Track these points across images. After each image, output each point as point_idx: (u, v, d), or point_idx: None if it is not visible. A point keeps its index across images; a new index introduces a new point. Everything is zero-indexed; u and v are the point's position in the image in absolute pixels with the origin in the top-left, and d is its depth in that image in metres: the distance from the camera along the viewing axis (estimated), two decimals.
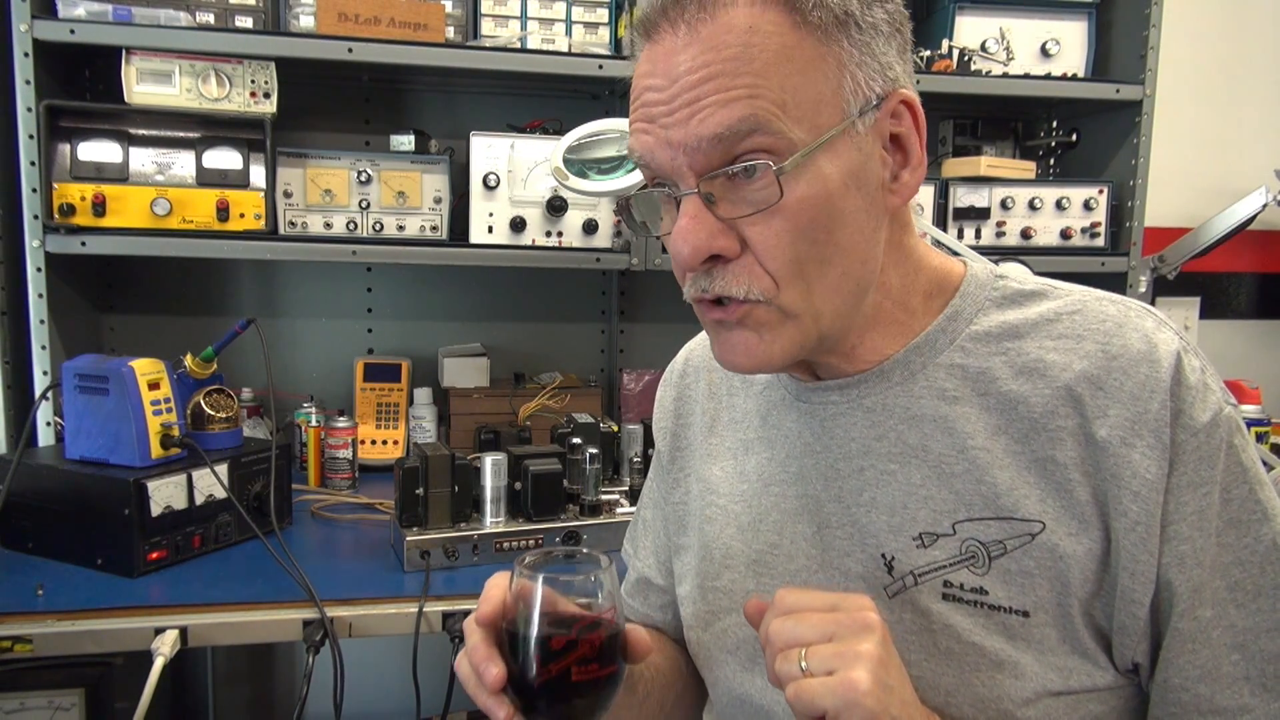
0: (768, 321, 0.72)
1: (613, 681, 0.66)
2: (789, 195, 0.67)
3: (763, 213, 0.68)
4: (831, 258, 0.70)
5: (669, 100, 0.68)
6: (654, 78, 0.70)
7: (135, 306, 2.05)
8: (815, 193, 0.68)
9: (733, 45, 0.66)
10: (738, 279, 0.70)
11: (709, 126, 0.67)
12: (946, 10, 2.05)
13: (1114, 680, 0.71)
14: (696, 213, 0.69)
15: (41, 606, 1.23)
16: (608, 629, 0.65)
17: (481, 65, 1.79)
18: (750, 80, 0.66)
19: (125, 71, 1.66)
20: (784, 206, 0.68)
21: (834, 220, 0.70)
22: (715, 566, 0.87)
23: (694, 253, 0.69)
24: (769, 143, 0.67)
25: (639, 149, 0.72)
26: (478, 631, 0.66)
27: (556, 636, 0.63)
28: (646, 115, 0.70)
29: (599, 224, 1.86)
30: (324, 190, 1.79)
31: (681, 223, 0.70)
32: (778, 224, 0.68)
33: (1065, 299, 0.77)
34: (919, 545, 0.74)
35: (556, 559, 0.68)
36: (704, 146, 0.67)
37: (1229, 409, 0.70)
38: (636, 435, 1.66)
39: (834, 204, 0.69)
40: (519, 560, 0.66)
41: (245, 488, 1.51)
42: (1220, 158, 2.55)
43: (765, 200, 0.68)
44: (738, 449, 0.89)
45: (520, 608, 0.64)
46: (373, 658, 2.11)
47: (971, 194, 2.01)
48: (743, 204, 0.69)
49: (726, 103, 0.66)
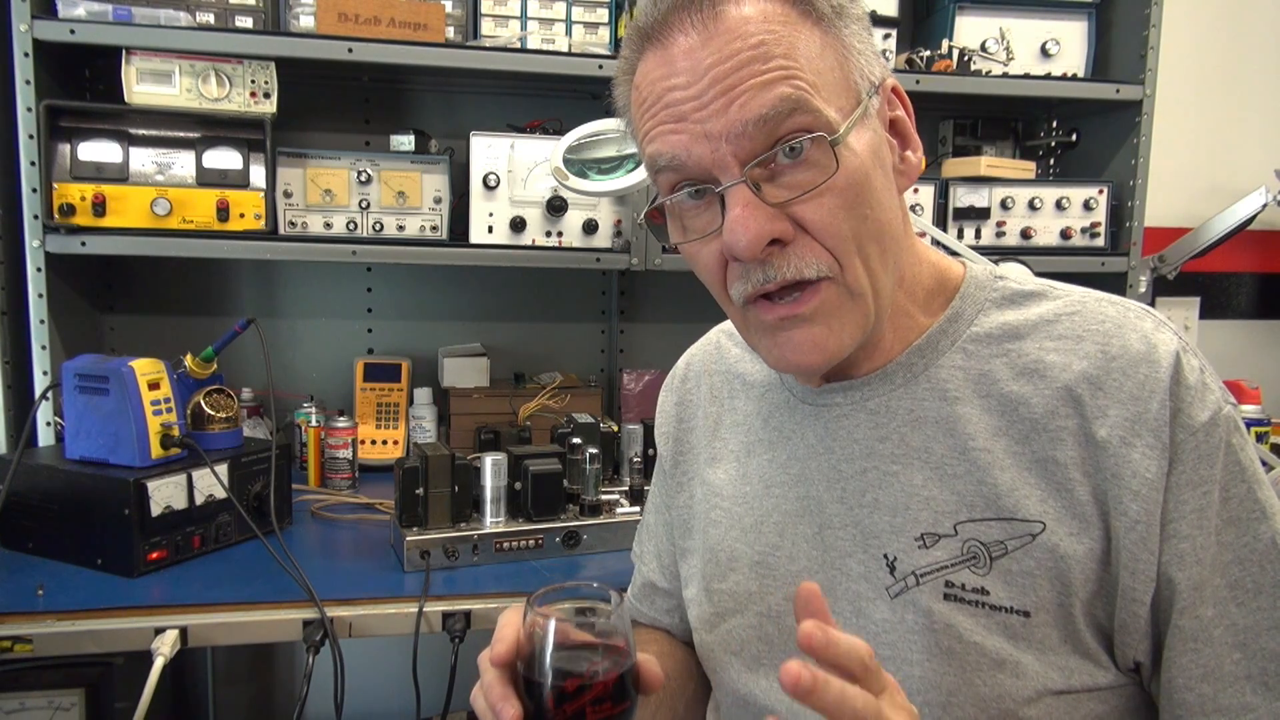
0: (835, 306, 0.71)
1: (625, 716, 0.67)
2: (843, 168, 0.68)
3: (812, 192, 0.68)
4: (877, 234, 0.71)
5: (699, 95, 0.68)
6: (676, 77, 0.69)
7: (135, 306, 2.05)
8: (857, 167, 0.69)
9: (755, 34, 0.67)
10: (804, 259, 0.70)
11: (752, 109, 0.67)
12: (946, 10, 2.05)
13: (1115, 679, 0.71)
14: (749, 200, 0.69)
15: (41, 606, 1.23)
16: (619, 667, 0.65)
17: (481, 65, 1.79)
18: (782, 62, 0.67)
19: (125, 71, 1.66)
20: (834, 184, 0.68)
21: (873, 196, 0.71)
22: (720, 569, 0.87)
23: (755, 239, 0.68)
24: (809, 121, 0.68)
25: (670, 149, 0.71)
26: (492, 671, 0.66)
27: (571, 678, 0.64)
28: (675, 115, 0.70)
29: (599, 224, 1.86)
30: (324, 190, 1.79)
31: (735, 212, 0.69)
32: (830, 201, 0.69)
33: (1065, 300, 0.77)
34: (921, 546, 0.74)
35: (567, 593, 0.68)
36: (750, 131, 0.67)
37: (1228, 408, 0.70)
38: (636, 435, 1.66)
39: (871, 180, 0.70)
40: (531, 597, 0.66)
41: (245, 488, 1.51)
42: (1220, 158, 2.55)
43: (817, 178, 0.68)
44: (740, 452, 0.89)
45: (533, 648, 0.64)
46: (373, 658, 2.11)
47: (971, 194, 2.01)
48: (792, 187, 0.69)
49: (764, 86, 0.67)
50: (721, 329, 1.01)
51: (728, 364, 0.95)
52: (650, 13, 0.71)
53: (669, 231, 0.77)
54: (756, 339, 0.76)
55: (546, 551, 1.47)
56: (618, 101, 0.78)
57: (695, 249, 0.74)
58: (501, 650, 0.66)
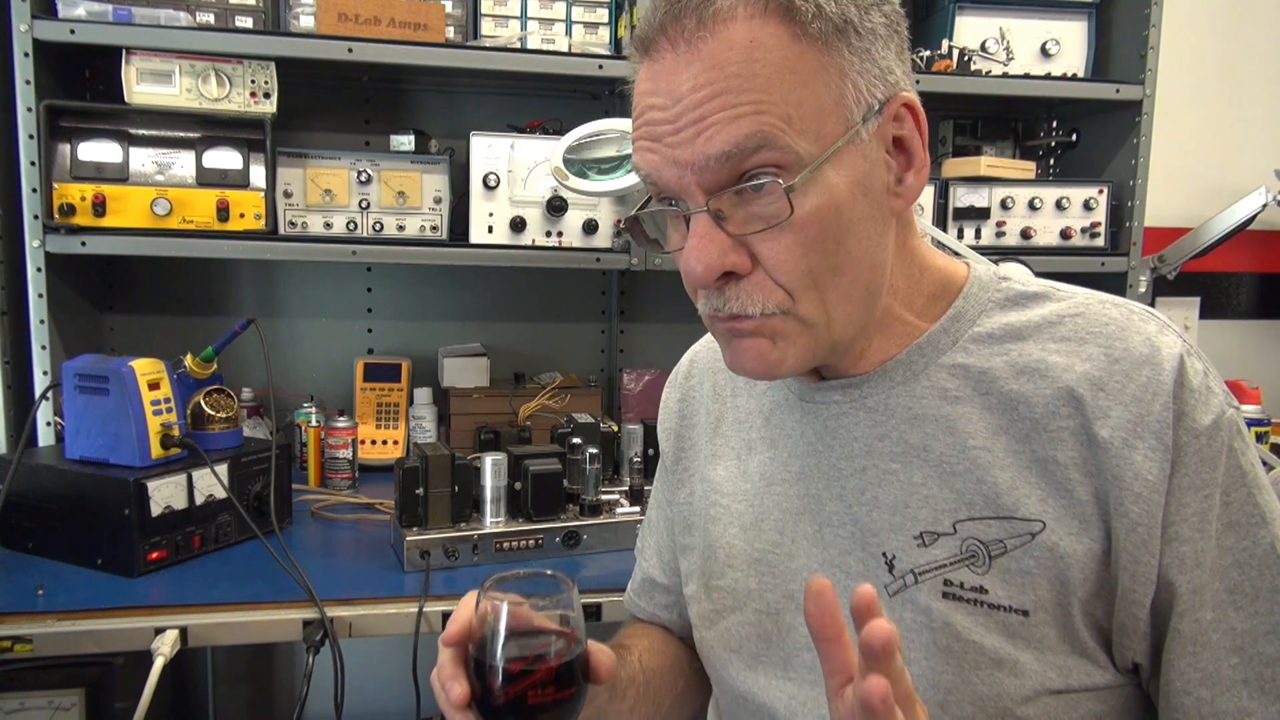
0: (782, 330, 0.72)
1: (571, 702, 0.68)
2: (799, 210, 0.67)
3: (773, 228, 0.68)
4: (843, 266, 0.71)
5: (674, 120, 0.68)
6: (656, 96, 0.69)
7: (135, 306, 2.05)
8: (824, 204, 0.68)
9: (735, 62, 0.66)
10: (751, 296, 0.70)
11: (716, 145, 0.66)
12: (946, 10, 2.05)
13: (1113, 679, 0.71)
14: (706, 230, 0.69)
15: (41, 606, 1.23)
16: (566, 654, 0.67)
17: (481, 65, 1.79)
18: (755, 97, 0.66)
19: (125, 71, 1.66)
20: (794, 221, 0.68)
21: (843, 230, 0.70)
22: (719, 566, 0.88)
23: (706, 271, 0.69)
24: (776, 158, 0.67)
25: (645, 167, 0.71)
26: (445, 650, 0.68)
27: (514, 661, 0.66)
28: (651, 134, 0.70)
29: (599, 224, 1.86)
30: (324, 190, 1.79)
31: (692, 242, 0.69)
32: (788, 238, 0.68)
33: (1068, 302, 0.77)
34: (919, 544, 0.74)
35: (521, 580, 0.69)
36: (712, 165, 0.67)
37: (1231, 412, 0.70)
38: (636, 435, 1.66)
39: (843, 214, 0.69)
40: (485, 582, 0.68)
41: (245, 488, 1.51)
42: (1220, 158, 2.55)
43: (775, 215, 0.68)
44: (741, 449, 0.90)
45: (483, 630, 0.66)
46: (373, 658, 2.11)
47: (971, 194, 2.01)
48: (753, 220, 0.69)
49: (732, 120, 0.66)
50: None
51: None
52: (648, 20, 0.71)
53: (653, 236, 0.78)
54: (719, 343, 0.79)
55: (546, 551, 1.47)
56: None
57: (674, 256, 0.75)
58: (454, 631, 0.68)
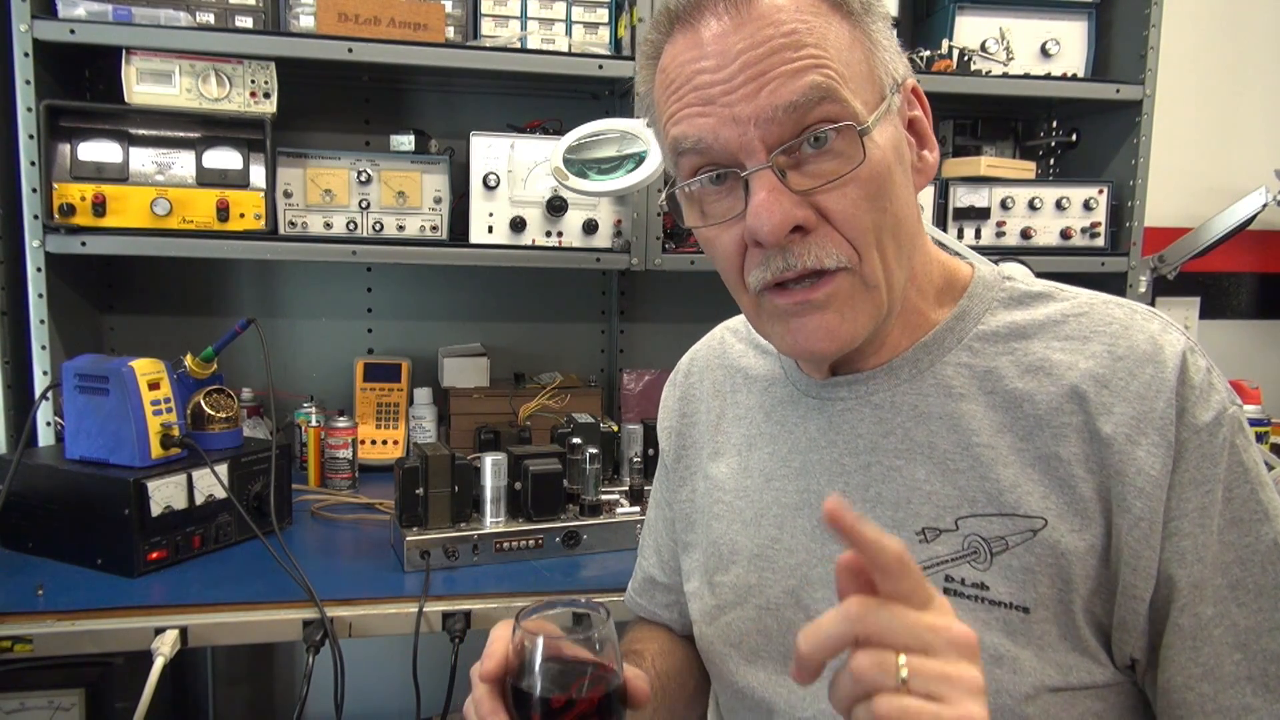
0: (850, 296, 0.71)
1: None
2: (869, 158, 0.69)
3: (837, 182, 0.69)
4: (895, 229, 0.72)
5: (728, 80, 0.68)
6: (706, 60, 0.70)
7: (135, 306, 2.05)
8: (880, 160, 0.70)
9: (787, 21, 0.68)
10: (824, 248, 0.70)
11: (782, 95, 0.67)
12: (946, 10, 2.05)
13: (1113, 677, 0.71)
14: (774, 186, 0.69)
15: (41, 606, 1.23)
16: (606, 684, 0.66)
17: (481, 65, 1.79)
18: (813, 51, 0.68)
19: (125, 71, 1.66)
20: (858, 175, 0.69)
21: (894, 191, 0.71)
22: (721, 562, 0.88)
23: (779, 224, 0.68)
24: (837, 111, 0.68)
25: (696, 132, 0.71)
26: (481, 686, 0.66)
27: (555, 696, 0.64)
28: (703, 98, 0.70)
29: (599, 224, 1.86)
30: (324, 190, 1.79)
31: (760, 197, 0.69)
32: (853, 192, 0.69)
33: (1072, 301, 0.78)
34: (921, 540, 0.74)
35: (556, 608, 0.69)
36: (779, 116, 0.68)
37: (1233, 409, 0.71)
38: (636, 435, 1.66)
39: (893, 174, 0.71)
40: (520, 612, 0.67)
41: (245, 488, 1.51)
42: (1220, 158, 2.55)
43: (842, 167, 0.69)
44: (742, 445, 0.90)
45: (521, 663, 0.65)
46: (373, 658, 2.11)
47: (971, 194, 2.01)
48: (816, 175, 0.69)
49: (795, 73, 0.67)
50: (725, 326, 1.01)
51: (731, 359, 0.95)
52: None
53: (685, 215, 0.77)
54: (769, 325, 0.76)
55: (546, 551, 1.47)
56: (639, 87, 0.78)
57: (714, 234, 0.74)
58: (490, 666, 0.66)
